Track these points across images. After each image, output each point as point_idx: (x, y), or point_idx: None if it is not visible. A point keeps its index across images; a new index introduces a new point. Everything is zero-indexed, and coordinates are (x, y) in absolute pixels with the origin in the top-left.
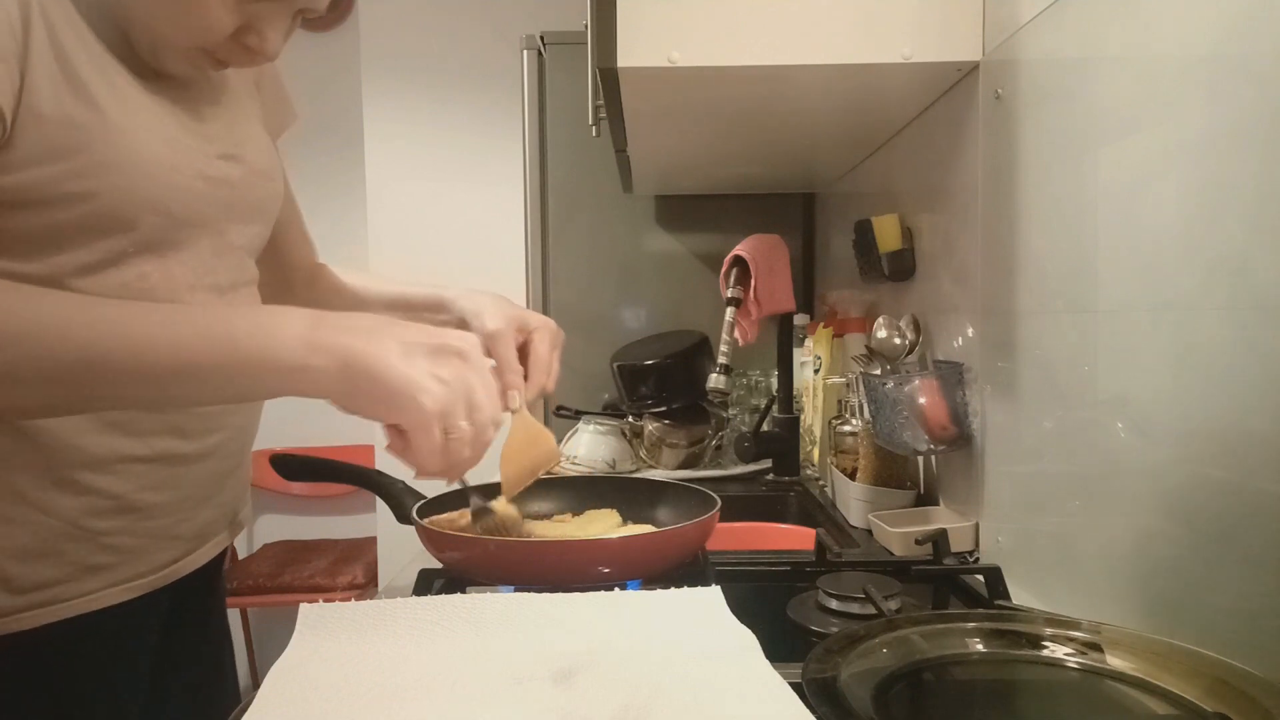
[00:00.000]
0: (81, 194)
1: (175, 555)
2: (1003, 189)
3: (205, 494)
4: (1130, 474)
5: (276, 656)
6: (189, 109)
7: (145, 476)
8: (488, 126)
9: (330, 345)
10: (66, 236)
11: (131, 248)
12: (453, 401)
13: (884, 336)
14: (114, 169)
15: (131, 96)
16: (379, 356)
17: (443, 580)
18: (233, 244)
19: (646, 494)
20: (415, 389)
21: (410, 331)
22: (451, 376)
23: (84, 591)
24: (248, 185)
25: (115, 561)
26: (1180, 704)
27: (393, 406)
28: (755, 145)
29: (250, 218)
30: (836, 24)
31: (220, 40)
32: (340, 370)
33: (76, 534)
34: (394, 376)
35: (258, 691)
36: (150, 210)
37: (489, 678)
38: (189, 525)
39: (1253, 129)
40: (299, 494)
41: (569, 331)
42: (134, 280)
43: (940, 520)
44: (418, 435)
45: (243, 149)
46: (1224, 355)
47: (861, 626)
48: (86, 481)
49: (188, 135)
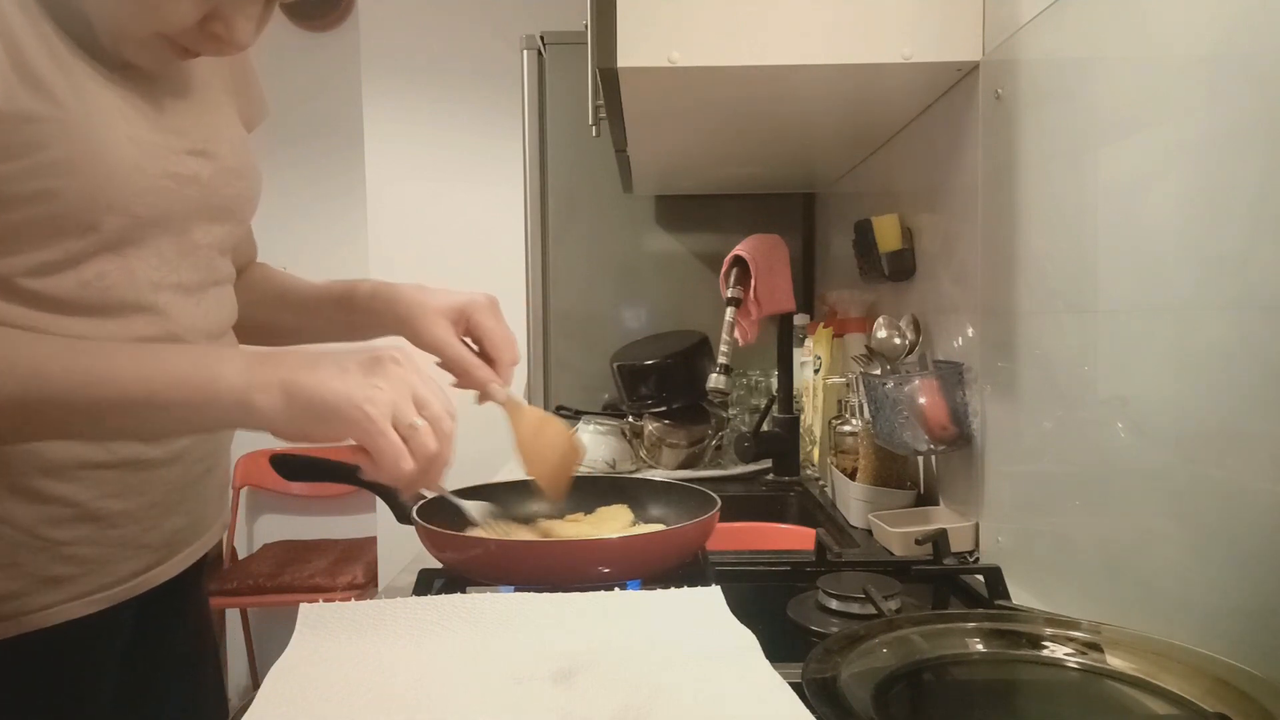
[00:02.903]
0: (39, 194)
1: (142, 566)
2: (1003, 189)
3: (173, 501)
4: (1130, 474)
5: (276, 656)
6: (156, 103)
7: (107, 483)
8: (488, 126)
9: (269, 380)
10: (22, 237)
11: (92, 248)
12: (397, 402)
13: (884, 336)
14: (74, 168)
15: (92, 90)
16: (318, 380)
17: (443, 580)
18: (198, 243)
19: (646, 494)
20: (358, 399)
21: (341, 356)
22: (389, 381)
23: (43, 605)
24: (217, 183)
25: (76, 573)
26: (1180, 704)
27: (340, 422)
28: (755, 145)
29: (219, 216)
30: (836, 24)
31: (184, 29)
32: (284, 401)
33: (34, 544)
34: (335, 395)
35: (258, 691)
36: (112, 211)
37: (489, 678)
38: (156, 534)
39: (1253, 129)
40: (299, 494)
41: (569, 332)
42: (92, 280)
43: (940, 520)
44: (377, 443)
45: (213, 144)
46: (1224, 355)
47: (861, 626)
48: (45, 489)
49: (153, 130)
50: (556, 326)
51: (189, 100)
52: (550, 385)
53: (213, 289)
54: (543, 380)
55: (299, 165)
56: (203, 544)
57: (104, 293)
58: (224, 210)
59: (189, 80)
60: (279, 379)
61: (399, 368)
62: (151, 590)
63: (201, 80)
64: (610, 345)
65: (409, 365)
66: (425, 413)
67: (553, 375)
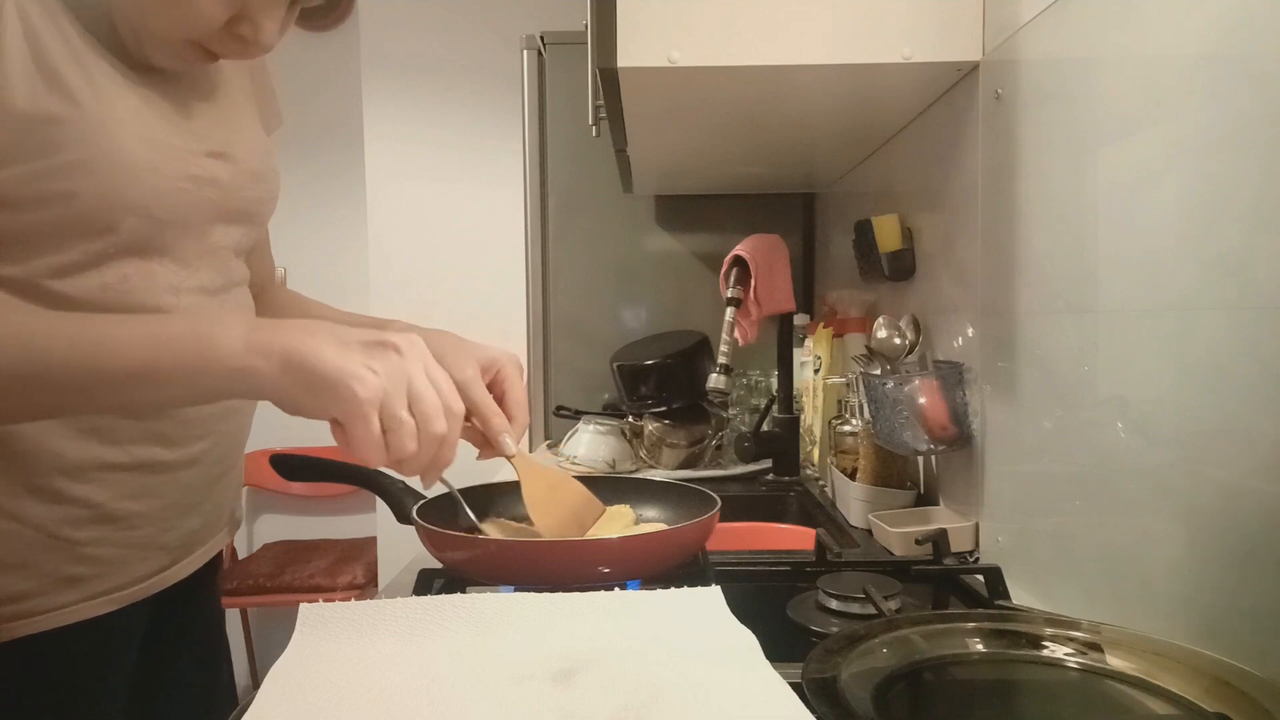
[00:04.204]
0: (59, 194)
1: (159, 566)
2: (1003, 189)
3: (190, 502)
4: (1130, 474)
5: (276, 656)
6: (177, 104)
7: (125, 484)
8: (488, 126)
9: (269, 345)
10: (43, 238)
11: (111, 249)
12: (388, 391)
13: (884, 336)
14: (93, 169)
15: (113, 91)
16: (314, 349)
17: (443, 580)
18: (217, 245)
19: (646, 494)
20: (348, 377)
21: (346, 330)
22: (386, 368)
23: (60, 604)
24: (237, 186)
25: (94, 573)
26: (1180, 704)
27: (326, 396)
28: (755, 145)
29: (237, 219)
30: (836, 24)
31: (212, 31)
32: (280, 367)
33: (52, 544)
34: (328, 366)
35: (258, 691)
36: (131, 212)
37: (489, 678)
38: (173, 535)
39: (1253, 129)
40: (299, 494)
41: (569, 332)
42: (114, 282)
43: (940, 520)
44: (353, 423)
45: (233, 147)
46: (1224, 355)
47: (861, 626)
48: (63, 489)
49: (174, 132)
50: (556, 326)
51: (210, 102)
52: (550, 385)
53: (233, 290)
54: (543, 380)
55: (299, 165)
56: (217, 542)
57: (125, 296)
58: (243, 213)
59: (211, 82)
60: (279, 345)
61: (400, 357)
62: (166, 589)
63: (223, 83)
64: (610, 345)
65: (412, 356)
66: (416, 409)
67: (553, 375)
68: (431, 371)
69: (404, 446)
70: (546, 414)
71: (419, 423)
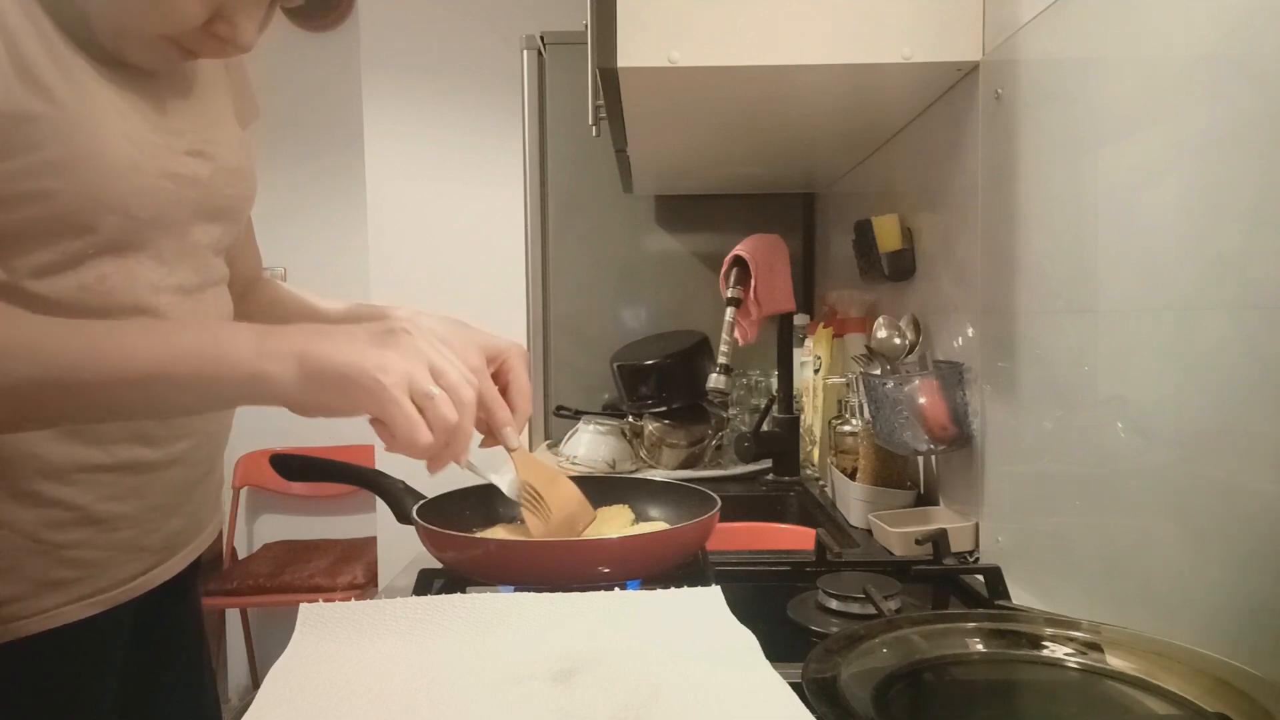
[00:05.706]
0: (37, 193)
1: (142, 568)
2: (1003, 189)
3: (173, 503)
4: (1130, 474)
5: (276, 656)
6: (155, 102)
7: (108, 486)
8: (488, 126)
9: (282, 350)
10: (21, 238)
11: (91, 249)
12: (412, 371)
13: (884, 336)
14: (72, 168)
15: (92, 89)
16: (329, 350)
17: (443, 580)
18: (197, 243)
19: (646, 494)
20: (371, 369)
21: (352, 328)
22: (402, 351)
23: (43, 608)
24: (217, 183)
25: (77, 576)
26: (1180, 704)
27: (354, 393)
28: (755, 145)
29: (217, 217)
30: (836, 24)
31: (190, 29)
32: (297, 371)
33: (35, 548)
34: (348, 364)
35: (258, 691)
36: (111, 211)
37: (489, 678)
38: (156, 536)
39: (1253, 129)
40: (299, 494)
41: (569, 332)
42: (93, 282)
43: (940, 520)
44: (391, 412)
45: (212, 145)
46: (1224, 355)
47: (861, 626)
48: (45, 492)
49: (153, 130)
50: (556, 326)
51: (188, 100)
52: (550, 385)
53: (210, 289)
54: (543, 380)
55: (299, 165)
56: (199, 544)
57: (105, 296)
58: (222, 210)
59: (188, 80)
60: (292, 349)
61: (411, 338)
62: (150, 591)
63: (201, 80)
64: (610, 345)
65: (422, 334)
66: (442, 382)
67: (553, 375)
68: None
69: (446, 417)
70: (546, 414)
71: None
